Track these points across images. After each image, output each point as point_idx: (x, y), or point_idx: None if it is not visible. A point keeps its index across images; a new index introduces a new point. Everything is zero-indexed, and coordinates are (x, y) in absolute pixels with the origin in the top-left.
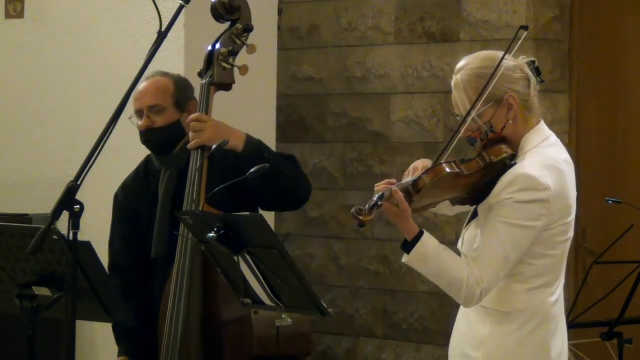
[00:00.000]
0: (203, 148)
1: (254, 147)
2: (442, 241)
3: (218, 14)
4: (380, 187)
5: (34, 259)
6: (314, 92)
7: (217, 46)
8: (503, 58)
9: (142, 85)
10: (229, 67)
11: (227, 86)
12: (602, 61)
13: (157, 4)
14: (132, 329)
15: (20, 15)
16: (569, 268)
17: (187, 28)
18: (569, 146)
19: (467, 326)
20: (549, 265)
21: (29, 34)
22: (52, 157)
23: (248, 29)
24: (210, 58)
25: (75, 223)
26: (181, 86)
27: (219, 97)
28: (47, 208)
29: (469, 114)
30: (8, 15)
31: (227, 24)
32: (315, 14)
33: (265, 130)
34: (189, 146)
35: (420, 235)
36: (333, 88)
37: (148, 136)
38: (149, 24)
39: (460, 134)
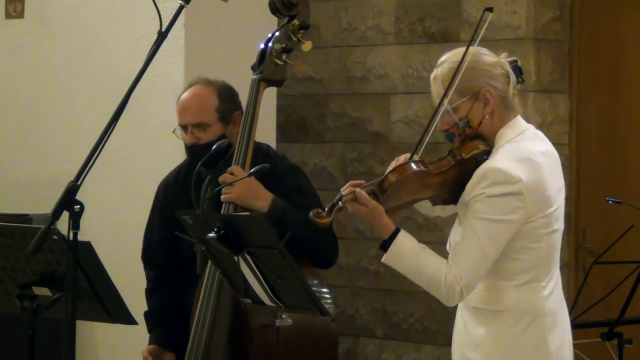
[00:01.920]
0: (235, 205)
1: (279, 212)
2: (442, 240)
3: (275, 8)
4: (344, 190)
5: (34, 259)
6: (314, 92)
7: (271, 42)
8: (468, 47)
9: (185, 96)
10: (282, 63)
11: (278, 82)
12: (602, 61)
13: (157, 4)
14: (163, 318)
15: (20, 15)
16: (569, 268)
17: (187, 28)
18: (569, 146)
19: (463, 328)
20: (535, 259)
21: (29, 34)
22: (52, 157)
23: (304, 26)
24: (263, 53)
25: (75, 223)
26: (225, 97)
27: None
28: (47, 208)
29: (441, 102)
30: (8, 15)
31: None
32: (315, 14)
33: (265, 130)
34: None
35: (396, 233)
36: (333, 88)
37: (194, 153)
38: (149, 24)
39: (437, 127)
